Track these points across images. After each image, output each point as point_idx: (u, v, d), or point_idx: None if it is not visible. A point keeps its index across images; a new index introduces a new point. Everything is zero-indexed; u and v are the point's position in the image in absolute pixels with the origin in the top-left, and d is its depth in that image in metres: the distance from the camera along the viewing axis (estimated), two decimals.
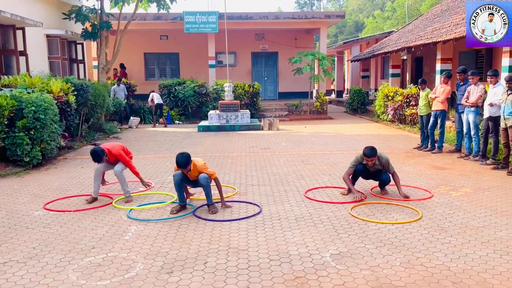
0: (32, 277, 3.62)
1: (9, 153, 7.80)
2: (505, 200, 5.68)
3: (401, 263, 3.80)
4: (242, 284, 3.44)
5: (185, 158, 5.10)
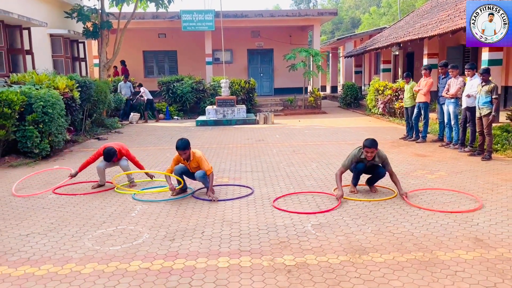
0: (53, 245, 4.20)
1: (20, 145, 8.36)
2: (474, 181, 6.28)
3: (372, 231, 4.39)
4: (234, 248, 4.03)
5: (184, 142, 5.57)
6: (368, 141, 5.50)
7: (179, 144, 5.58)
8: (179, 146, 5.57)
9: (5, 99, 7.86)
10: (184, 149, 5.56)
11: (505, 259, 3.65)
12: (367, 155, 5.50)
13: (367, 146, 5.47)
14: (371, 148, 5.45)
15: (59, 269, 3.65)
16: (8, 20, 9.64)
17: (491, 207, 5.06)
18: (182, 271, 3.57)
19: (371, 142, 5.48)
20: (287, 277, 3.42)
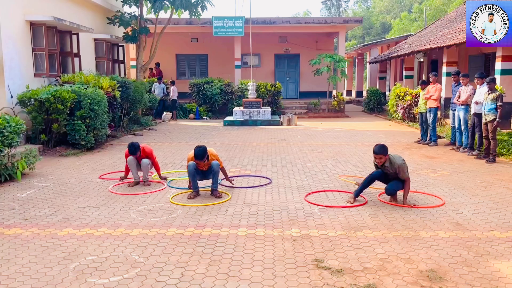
0: (105, 215, 5.18)
1: (69, 138, 9.50)
2: (472, 180, 6.93)
3: (369, 214, 5.17)
4: (251, 222, 4.90)
5: (202, 151, 5.64)
6: (376, 147, 5.51)
7: (197, 153, 5.64)
8: (197, 155, 5.64)
9: (59, 96, 9.00)
10: (202, 158, 5.66)
11: (476, 238, 4.37)
12: (376, 161, 5.55)
13: (375, 152, 5.50)
14: (378, 154, 5.45)
15: (112, 231, 4.62)
16: (60, 26, 10.85)
17: (479, 200, 5.74)
18: (209, 236, 4.46)
19: (378, 148, 5.47)
20: (292, 244, 4.26)
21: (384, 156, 5.44)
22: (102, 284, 3.41)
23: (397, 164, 5.43)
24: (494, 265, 3.74)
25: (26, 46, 10.10)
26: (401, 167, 5.42)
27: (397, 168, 5.43)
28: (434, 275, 3.55)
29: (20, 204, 5.60)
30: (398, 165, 5.43)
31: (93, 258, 3.92)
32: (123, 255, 3.98)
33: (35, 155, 7.36)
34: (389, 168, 5.49)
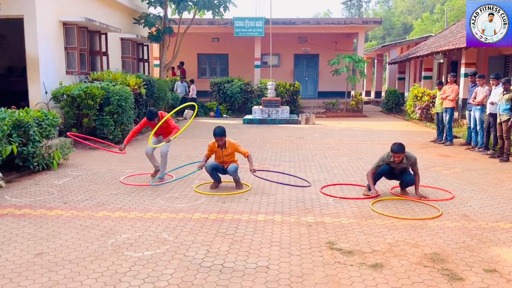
0: (136, 200, 5.64)
1: (98, 132, 10.05)
2: (484, 177, 7.16)
3: (381, 205, 5.50)
4: (270, 209, 5.29)
5: (221, 129, 6.07)
6: (395, 146, 5.68)
7: (216, 131, 6.04)
8: (217, 133, 6.04)
9: (90, 92, 9.56)
10: (221, 135, 6.04)
11: (480, 228, 4.66)
12: (395, 159, 5.69)
13: (394, 151, 5.65)
14: (397, 153, 5.63)
15: (143, 214, 5.07)
16: (91, 26, 11.45)
17: (488, 195, 6.00)
18: (231, 221, 4.87)
19: (397, 147, 5.65)
20: (307, 229, 4.63)
21: (402, 154, 5.66)
22: (137, 257, 3.85)
23: (414, 158, 5.77)
24: (495, 251, 4.04)
25: (59, 45, 10.71)
26: (416, 161, 5.80)
27: (414, 162, 5.75)
28: (437, 258, 3.87)
29: (58, 190, 6.12)
30: (415, 159, 5.77)
31: (127, 236, 4.37)
32: (154, 234, 4.42)
33: (69, 147, 7.90)
34: (405, 164, 5.73)
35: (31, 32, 9.64)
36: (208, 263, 3.75)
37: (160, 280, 3.42)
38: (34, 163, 6.95)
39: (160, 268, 3.62)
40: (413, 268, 3.66)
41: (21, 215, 5.00)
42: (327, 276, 3.52)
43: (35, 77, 9.81)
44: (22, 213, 5.09)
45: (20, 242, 4.18)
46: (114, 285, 3.33)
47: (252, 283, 3.38)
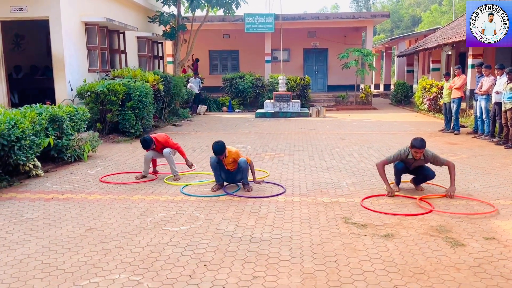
0: (165, 186, 6.16)
1: (121, 126, 10.61)
2: (488, 162, 7.57)
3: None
4: (289, 192, 5.78)
5: (220, 146, 5.59)
6: (417, 141, 5.35)
7: (215, 149, 5.62)
8: (216, 151, 5.63)
9: (112, 89, 10.10)
10: (221, 153, 5.64)
11: (482, 205, 5.10)
12: (416, 155, 5.41)
13: (417, 147, 5.35)
14: (420, 149, 5.35)
15: (174, 197, 5.59)
16: (110, 26, 12.00)
17: (492, 178, 6.42)
18: (254, 201, 5.37)
19: (420, 143, 5.34)
20: (324, 207, 5.11)
21: (424, 148, 5.39)
22: (175, 231, 4.37)
23: (431, 154, 5.45)
24: (495, 223, 4.49)
25: (82, 44, 11.28)
26: (435, 156, 5.48)
27: (431, 157, 5.45)
28: (442, 229, 4.33)
29: (93, 178, 6.67)
30: (432, 154, 5.45)
31: (163, 214, 4.89)
32: (187, 213, 4.93)
33: (97, 140, 8.46)
34: (422, 161, 5.52)
35: (57, 33, 10.20)
36: (238, 234, 4.25)
37: (198, 248, 3.93)
38: (68, 154, 7.51)
39: (197, 239, 4.13)
40: (420, 237, 4.12)
41: (65, 199, 5.55)
42: (344, 244, 4.00)
43: (60, 75, 10.38)
44: (65, 197, 5.64)
45: (70, 220, 4.72)
46: (159, 252, 3.85)
47: (279, 249, 3.87)
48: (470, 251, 3.80)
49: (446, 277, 3.32)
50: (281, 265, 3.56)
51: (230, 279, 3.32)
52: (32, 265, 3.61)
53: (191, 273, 3.44)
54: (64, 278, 3.37)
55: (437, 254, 3.74)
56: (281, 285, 3.23)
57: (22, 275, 3.43)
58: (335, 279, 3.31)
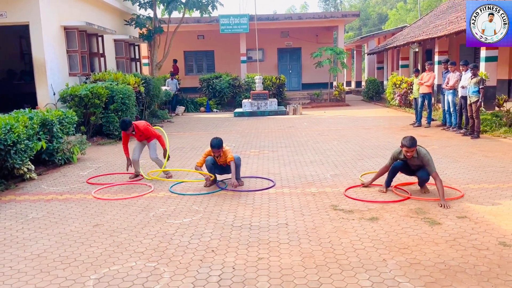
0: (159, 185, 6.44)
1: (104, 129, 10.75)
2: (457, 151, 8.20)
3: (372, 177, 6.44)
4: (278, 185, 6.17)
5: (219, 142, 5.92)
6: (406, 140, 5.27)
7: (214, 143, 5.89)
8: (214, 145, 5.89)
9: (96, 92, 10.24)
10: (218, 148, 5.90)
11: (453, 189, 5.64)
12: (407, 154, 5.34)
13: (406, 146, 5.26)
14: (410, 148, 5.25)
15: (170, 194, 5.88)
16: (89, 30, 12.08)
17: (461, 165, 7.02)
18: (247, 195, 5.74)
19: (409, 142, 5.23)
20: (312, 197, 5.54)
21: (415, 147, 5.30)
22: (178, 223, 4.69)
23: (424, 153, 5.32)
24: (466, 204, 5.02)
25: (62, 48, 11.33)
26: (428, 157, 5.31)
27: (424, 156, 5.30)
28: (420, 211, 4.82)
29: (86, 180, 6.87)
30: (425, 154, 5.32)
31: (164, 209, 5.20)
32: (186, 207, 5.26)
33: (85, 143, 8.62)
34: (416, 159, 5.39)
35: (37, 37, 10.25)
36: (238, 223, 4.62)
37: (203, 236, 4.27)
38: (58, 157, 7.67)
39: (201, 229, 4.47)
40: (402, 219, 4.60)
41: (64, 199, 5.76)
42: (335, 227, 4.43)
43: (42, 79, 10.43)
44: (64, 198, 5.85)
45: (75, 218, 4.97)
46: (168, 242, 4.17)
47: (277, 235, 4.26)
48: (446, 228, 4.29)
49: (427, 250, 3.79)
50: (281, 248, 3.95)
51: (238, 261, 3.69)
52: (51, 258, 3.87)
53: (201, 258, 3.78)
54: (85, 267, 3.65)
55: (417, 232, 4.22)
56: (284, 263, 3.62)
57: (43, 267, 3.69)
58: (331, 257, 3.73)
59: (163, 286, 3.29)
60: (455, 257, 3.66)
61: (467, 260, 3.58)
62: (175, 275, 3.47)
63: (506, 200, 5.14)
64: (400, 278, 3.31)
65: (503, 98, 10.91)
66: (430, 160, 5.30)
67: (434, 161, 5.47)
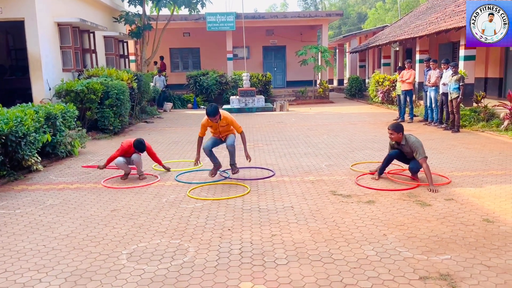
0: (164, 174, 6.77)
1: (100, 124, 10.95)
2: (440, 144, 8.77)
3: (364, 167, 6.91)
4: (278, 174, 6.58)
5: (214, 108, 5.93)
6: (390, 124, 6.05)
7: (209, 111, 5.89)
8: (210, 112, 5.89)
9: (91, 88, 10.44)
10: (214, 115, 5.93)
11: (440, 177, 6.16)
12: (390, 137, 5.98)
13: (388, 128, 6.00)
14: (390, 130, 5.91)
15: (177, 183, 6.22)
16: (82, 26, 12.23)
17: (444, 156, 7.57)
18: (250, 182, 6.13)
19: (392, 125, 5.95)
20: (312, 184, 5.97)
21: (396, 133, 5.78)
22: (192, 207, 5.04)
23: (413, 140, 5.74)
24: (452, 188, 5.54)
25: (56, 44, 11.47)
26: (417, 144, 5.71)
27: (412, 144, 5.73)
28: (411, 195, 5.31)
29: (91, 171, 7.13)
30: (414, 141, 5.74)
31: (174, 196, 5.54)
32: (195, 194, 5.61)
33: (85, 136, 8.85)
34: (405, 146, 5.85)
35: (32, 33, 10.38)
36: (247, 207, 5.00)
37: (218, 218, 4.64)
38: (61, 150, 7.89)
39: (214, 212, 4.84)
40: (396, 202, 5.07)
41: (76, 188, 6.04)
42: (337, 209, 4.86)
43: (38, 75, 10.57)
44: (75, 187, 6.12)
45: (92, 204, 5.26)
46: (186, 223, 4.53)
47: (285, 216, 4.67)
48: (436, 209, 4.78)
49: (421, 226, 4.27)
50: (291, 226, 4.36)
51: (254, 237, 4.08)
52: (80, 237, 4.18)
53: (220, 235, 4.16)
54: (114, 244, 3.98)
55: (411, 212, 4.69)
56: (296, 239, 4.03)
57: (75, 245, 4.00)
58: (337, 233, 4.16)
59: (191, 258, 3.65)
60: (446, 231, 4.13)
61: (457, 234, 4.07)
62: (199, 249, 3.84)
63: (487, 185, 5.68)
64: (400, 248, 3.76)
65: (481, 95, 11.59)
66: (418, 147, 5.74)
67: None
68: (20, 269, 3.53)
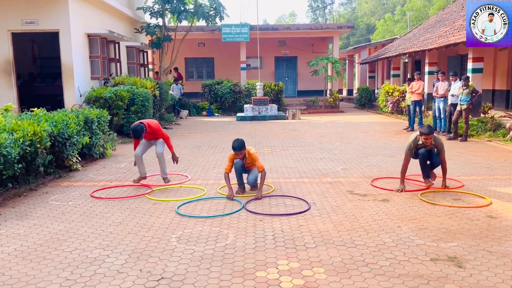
0: (194, 174, 7.38)
1: (125, 129, 11.62)
2: (448, 151, 9.11)
3: (378, 170, 7.48)
4: (298, 175, 7.17)
5: (241, 143, 5.84)
6: (424, 129, 5.91)
7: (235, 145, 5.82)
8: (236, 147, 5.82)
9: (119, 95, 11.13)
10: (240, 149, 5.83)
11: (449, 180, 6.71)
12: (426, 142, 5.92)
13: (425, 134, 5.87)
14: (429, 135, 5.87)
15: (206, 182, 6.83)
16: (109, 37, 12.97)
17: (453, 163, 8.11)
18: (273, 182, 6.71)
19: (427, 129, 5.87)
20: (330, 184, 6.55)
21: (432, 134, 5.99)
22: (224, 201, 5.63)
23: (441, 141, 6.10)
24: (459, 190, 6.08)
25: (85, 54, 12.21)
26: (441, 143, 6.06)
27: (440, 144, 6.01)
28: (423, 195, 5.86)
29: (126, 171, 7.77)
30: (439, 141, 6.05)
31: (204, 192, 6.14)
32: (213, 193, 6.21)
33: (116, 140, 9.51)
34: (433, 146, 6.04)
35: (66, 44, 11.12)
36: (274, 202, 5.59)
37: (250, 214, 5.23)
38: (96, 151, 8.55)
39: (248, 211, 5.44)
40: (408, 200, 5.63)
41: (116, 186, 6.66)
42: (355, 205, 5.43)
43: (70, 82, 11.28)
44: (114, 184, 6.74)
45: (134, 199, 5.87)
46: (222, 213, 5.12)
47: (309, 210, 5.25)
48: (444, 207, 5.34)
49: (431, 220, 4.82)
50: (315, 219, 4.94)
51: (284, 227, 4.66)
52: (131, 224, 4.79)
53: (253, 224, 4.75)
54: (163, 230, 4.59)
55: (422, 209, 5.25)
56: (321, 228, 4.61)
57: (129, 230, 4.61)
58: (357, 225, 4.73)
59: (232, 242, 4.24)
60: (453, 224, 4.69)
61: (463, 227, 4.62)
62: (237, 235, 4.43)
63: (491, 188, 6.22)
64: (413, 237, 4.33)
65: (488, 106, 12.11)
66: (443, 145, 6.12)
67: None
68: (88, 248, 4.14)
